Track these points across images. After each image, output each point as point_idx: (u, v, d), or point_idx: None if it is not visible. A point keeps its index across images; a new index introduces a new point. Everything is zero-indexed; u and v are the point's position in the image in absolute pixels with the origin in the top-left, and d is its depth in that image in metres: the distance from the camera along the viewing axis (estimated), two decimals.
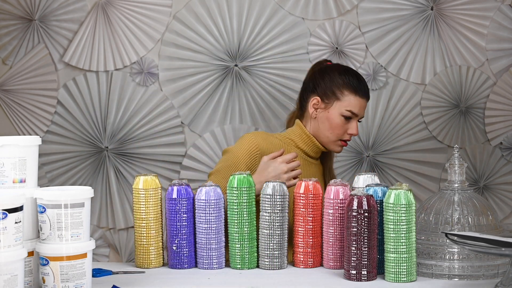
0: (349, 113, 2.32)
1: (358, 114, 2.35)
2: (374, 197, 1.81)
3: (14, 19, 2.91)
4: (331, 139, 2.35)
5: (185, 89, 2.93)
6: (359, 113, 2.34)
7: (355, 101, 2.32)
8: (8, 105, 2.93)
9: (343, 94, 2.33)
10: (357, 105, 2.33)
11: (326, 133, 2.35)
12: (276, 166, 2.13)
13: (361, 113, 2.36)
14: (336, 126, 2.33)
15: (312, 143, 2.37)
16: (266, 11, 2.92)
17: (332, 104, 2.33)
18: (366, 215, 1.76)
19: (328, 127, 2.34)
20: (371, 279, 1.78)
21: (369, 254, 1.77)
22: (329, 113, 2.34)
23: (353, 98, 2.32)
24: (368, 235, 1.77)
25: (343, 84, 2.34)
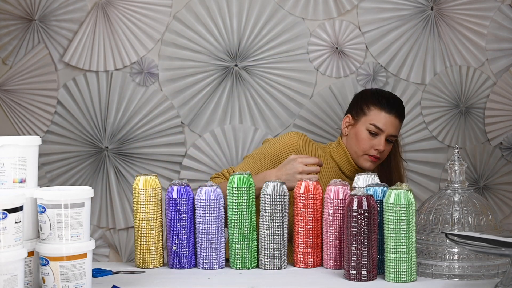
0: (373, 127, 2.39)
1: (384, 130, 2.39)
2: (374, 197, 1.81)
3: (14, 19, 2.91)
4: (358, 154, 2.42)
5: (185, 89, 2.93)
6: (384, 129, 2.40)
7: (380, 116, 2.40)
8: (8, 105, 2.93)
9: (369, 110, 2.42)
10: (381, 120, 2.40)
11: (354, 148, 2.43)
12: (294, 165, 2.15)
13: (388, 129, 2.40)
14: (361, 141, 2.40)
15: (346, 158, 2.45)
16: (266, 11, 2.92)
17: (360, 119, 2.44)
18: (366, 215, 1.76)
19: (355, 142, 2.42)
20: (371, 279, 1.78)
21: (369, 254, 1.77)
22: (356, 128, 2.44)
23: (378, 113, 2.40)
24: (368, 235, 1.77)
25: (371, 101, 2.44)
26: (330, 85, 2.94)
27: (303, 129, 2.91)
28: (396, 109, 2.43)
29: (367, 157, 2.41)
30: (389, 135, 2.41)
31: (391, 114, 2.41)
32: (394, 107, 2.43)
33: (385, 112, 2.40)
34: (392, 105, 2.43)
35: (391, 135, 2.42)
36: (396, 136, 2.46)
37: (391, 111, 2.41)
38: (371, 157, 2.40)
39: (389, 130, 2.41)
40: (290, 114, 2.93)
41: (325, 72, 2.93)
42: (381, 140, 2.39)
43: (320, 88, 2.95)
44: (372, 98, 2.45)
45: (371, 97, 2.46)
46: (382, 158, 2.44)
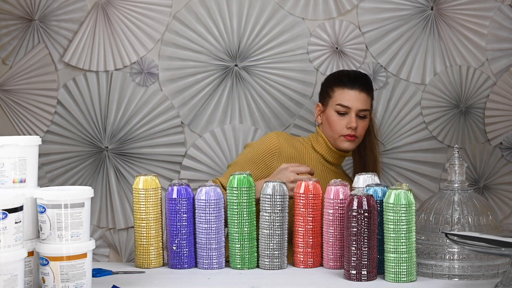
0: (339, 107, 2.38)
1: (351, 107, 2.38)
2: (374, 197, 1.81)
3: (14, 19, 2.91)
4: (335, 137, 2.41)
5: (185, 89, 2.93)
6: (351, 105, 2.38)
7: (343, 94, 2.39)
8: (8, 105, 2.93)
9: (333, 92, 2.43)
10: (345, 98, 2.39)
11: (329, 133, 2.42)
12: (286, 174, 2.15)
13: (354, 105, 2.38)
14: (333, 123, 2.40)
15: (326, 146, 2.44)
16: (266, 11, 2.92)
17: (328, 104, 2.44)
18: (366, 215, 1.76)
19: (329, 126, 2.42)
20: (371, 279, 1.78)
21: (369, 254, 1.77)
22: (326, 113, 2.44)
23: (341, 92, 2.40)
24: (368, 235, 1.77)
25: (333, 82, 2.44)
26: None
27: (303, 129, 2.91)
28: (359, 83, 2.41)
29: (343, 138, 2.39)
30: (358, 111, 2.39)
31: (354, 89, 2.39)
32: (356, 82, 2.41)
33: (348, 88, 2.39)
34: (354, 80, 2.42)
35: (361, 110, 2.39)
36: (367, 110, 2.43)
37: (353, 86, 2.39)
38: (347, 137, 2.39)
39: (356, 105, 2.39)
40: (290, 114, 2.93)
41: (325, 72, 2.93)
42: (352, 118, 2.37)
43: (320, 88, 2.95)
44: (334, 80, 2.45)
45: (333, 79, 2.47)
46: (359, 135, 2.42)
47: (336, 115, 2.40)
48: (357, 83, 2.41)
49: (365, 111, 2.41)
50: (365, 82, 2.44)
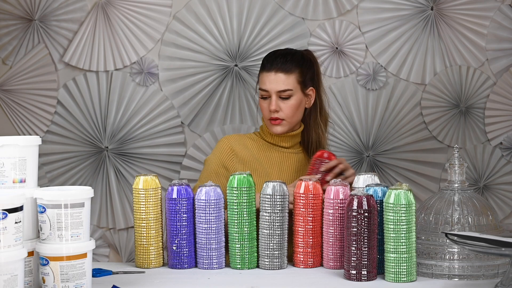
0: (261, 92, 2.33)
1: (268, 89, 2.30)
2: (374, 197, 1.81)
3: (14, 19, 2.91)
4: (265, 123, 2.36)
5: (185, 89, 2.93)
6: (268, 88, 2.30)
7: (262, 78, 2.32)
8: (8, 105, 2.93)
9: (258, 77, 2.37)
10: (263, 81, 2.31)
11: (264, 121, 2.38)
12: None
13: (271, 87, 2.30)
14: (261, 109, 2.35)
15: (269, 134, 2.38)
16: (266, 11, 2.92)
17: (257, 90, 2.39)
18: (366, 215, 1.76)
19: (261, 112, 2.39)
20: (371, 279, 1.78)
21: (369, 254, 1.77)
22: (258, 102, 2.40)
23: (262, 76, 2.33)
24: (368, 235, 1.77)
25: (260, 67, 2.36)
26: (330, 85, 2.94)
27: None
28: (275, 63, 2.31)
29: (269, 122, 2.32)
30: (278, 92, 2.29)
31: (271, 71, 2.29)
32: (273, 63, 2.31)
33: (266, 71, 2.31)
34: (271, 61, 2.32)
35: (280, 91, 2.29)
36: (288, 90, 2.30)
37: (270, 68, 2.30)
38: (271, 121, 2.31)
39: (273, 87, 2.29)
40: None
41: (325, 72, 2.93)
42: (272, 100, 2.28)
43: None
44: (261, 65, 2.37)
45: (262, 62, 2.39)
46: (286, 117, 2.30)
47: (261, 100, 2.34)
48: (273, 64, 2.30)
49: (285, 91, 2.29)
50: (284, 60, 2.32)
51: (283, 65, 2.30)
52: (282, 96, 2.30)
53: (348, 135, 2.96)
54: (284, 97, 2.30)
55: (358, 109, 2.96)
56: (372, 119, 2.96)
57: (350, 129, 2.97)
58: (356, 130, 2.97)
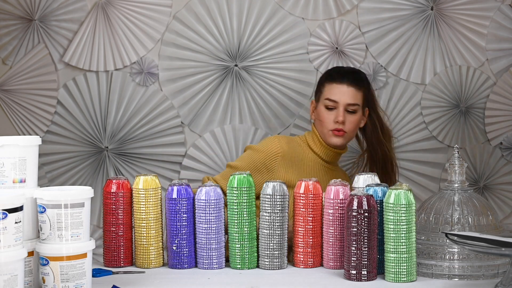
0: (328, 101, 2.41)
1: (338, 101, 2.40)
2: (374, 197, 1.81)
3: (14, 19, 2.91)
4: (325, 133, 2.43)
5: (185, 89, 2.93)
6: (339, 100, 2.40)
7: (332, 89, 2.41)
8: (8, 105, 2.93)
9: (323, 87, 2.45)
10: (333, 92, 2.41)
11: (320, 129, 2.45)
12: None
13: (342, 99, 2.40)
14: (323, 118, 2.42)
15: (320, 143, 2.45)
16: (266, 11, 2.92)
17: (319, 100, 2.46)
18: (366, 215, 1.76)
19: (319, 122, 2.44)
20: (371, 279, 1.79)
21: (369, 254, 1.77)
22: (317, 110, 2.46)
23: (330, 87, 2.42)
24: (368, 235, 1.77)
25: (324, 78, 2.48)
26: None
27: (303, 129, 2.91)
28: (347, 77, 2.43)
29: (331, 133, 2.41)
30: (346, 105, 2.40)
31: (343, 83, 2.41)
32: (345, 76, 2.43)
33: (336, 83, 2.42)
34: (343, 74, 2.45)
35: (349, 104, 2.41)
36: (356, 105, 2.42)
37: (342, 81, 2.41)
38: (334, 132, 2.40)
39: (344, 99, 2.40)
40: (290, 114, 2.93)
41: None
42: (339, 112, 2.39)
43: None
44: (326, 76, 2.49)
45: (325, 75, 2.51)
46: (348, 130, 2.42)
47: (325, 110, 2.42)
48: (345, 77, 2.42)
49: (353, 105, 2.41)
50: (355, 76, 2.45)
51: (355, 80, 2.43)
52: (349, 110, 2.41)
53: None
54: (350, 111, 2.41)
55: None
56: None
57: None
58: None
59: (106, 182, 1.98)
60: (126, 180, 1.99)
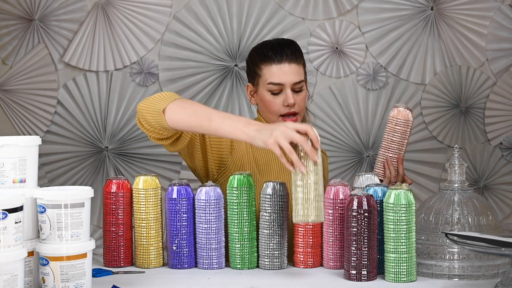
0: (272, 86, 2.09)
1: (284, 83, 2.09)
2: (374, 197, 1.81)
3: (14, 19, 2.91)
4: (273, 119, 2.14)
5: (185, 89, 2.93)
6: (284, 81, 2.09)
7: (272, 71, 2.09)
8: (8, 105, 2.93)
9: (261, 69, 2.12)
10: (275, 74, 2.09)
11: (267, 115, 2.15)
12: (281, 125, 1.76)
13: (288, 80, 2.09)
14: (268, 104, 2.12)
15: None
16: (266, 11, 2.92)
17: (259, 83, 2.14)
18: (366, 215, 1.76)
19: (264, 108, 2.15)
20: (371, 279, 1.78)
21: (369, 254, 1.77)
22: (259, 94, 2.15)
23: (269, 69, 2.10)
24: (368, 235, 1.77)
25: (258, 59, 2.13)
26: (330, 85, 2.94)
27: None
28: (286, 54, 2.10)
29: (282, 120, 2.11)
30: (292, 84, 2.09)
31: (283, 62, 2.09)
32: (283, 54, 2.10)
33: (275, 63, 2.09)
34: (280, 52, 2.10)
35: (295, 83, 2.09)
36: (302, 81, 2.12)
37: (281, 60, 2.09)
38: (286, 118, 2.11)
39: (290, 79, 2.08)
40: None
41: (325, 72, 2.93)
42: (287, 94, 2.08)
43: (320, 88, 2.95)
44: (259, 56, 2.13)
45: (257, 54, 2.15)
46: (299, 110, 2.12)
47: (269, 95, 2.10)
48: (284, 55, 2.10)
49: (299, 83, 2.11)
50: (292, 50, 2.13)
51: (293, 55, 2.12)
52: (295, 89, 2.11)
53: (348, 135, 2.96)
54: (297, 89, 2.12)
55: (358, 109, 2.97)
56: (372, 119, 2.96)
57: (350, 129, 2.97)
58: (356, 130, 2.97)
59: (106, 182, 1.98)
60: (126, 180, 1.98)
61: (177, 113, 1.87)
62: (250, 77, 2.19)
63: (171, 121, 1.87)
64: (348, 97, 2.96)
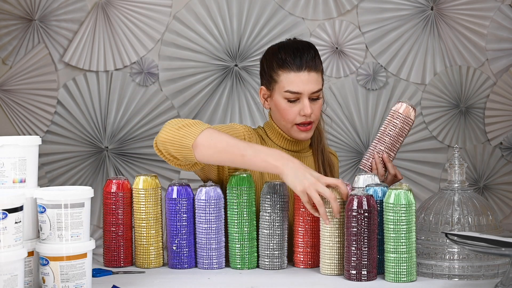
0: (289, 94, 2.01)
1: (302, 92, 2.01)
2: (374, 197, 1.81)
3: (14, 19, 2.91)
4: (287, 127, 2.08)
5: (185, 89, 2.93)
6: (302, 91, 2.01)
7: (290, 79, 2.02)
8: (8, 105, 2.93)
9: (278, 75, 2.04)
10: (294, 82, 2.01)
11: (281, 122, 2.08)
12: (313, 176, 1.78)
13: (306, 89, 2.01)
14: (283, 112, 2.05)
15: (282, 137, 2.12)
16: (266, 11, 2.92)
17: (274, 89, 2.06)
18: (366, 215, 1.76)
19: (279, 115, 2.07)
20: (371, 279, 1.78)
21: (369, 254, 1.77)
22: (274, 100, 2.07)
23: (287, 76, 2.02)
24: (368, 235, 1.77)
25: (276, 64, 2.05)
26: (330, 85, 2.94)
27: None
28: (306, 61, 2.02)
29: (297, 128, 2.05)
30: (310, 93, 2.01)
31: (301, 71, 2.01)
32: (302, 61, 2.02)
33: (294, 71, 2.01)
34: (299, 59, 2.02)
35: (313, 92, 2.02)
36: (320, 90, 2.05)
37: (300, 68, 2.01)
38: (301, 127, 2.05)
39: (308, 89, 2.00)
40: None
41: (325, 72, 2.92)
42: (304, 103, 2.01)
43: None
44: (276, 61, 2.05)
45: (275, 59, 2.06)
46: (315, 119, 2.06)
47: (286, 103, 2.03)
48: (303, 62, 2.02)
49: (318, 92, 2.04)
50: (311, 56, 2.04)
51: (313, 63, 2.03)
52: (313, 97, 2.04)
53: (348, 135, 2.96)
54: (315, 98, 2.04)
55: (358, 109, 2.97)
56: (372, 119, 2.96)
57: (350, 129, 2.97)
58: (356, 130, 2.97)
59: (106, 182, 1.98)
60: (126, 180, 1.98)
61: (207, 150, 1.84)
62: (264, 80, 2.10)
63: (200, 158, 1.85)
64: (348, 97, 2.96)
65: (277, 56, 2.06)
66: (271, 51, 2.10)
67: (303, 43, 2.10)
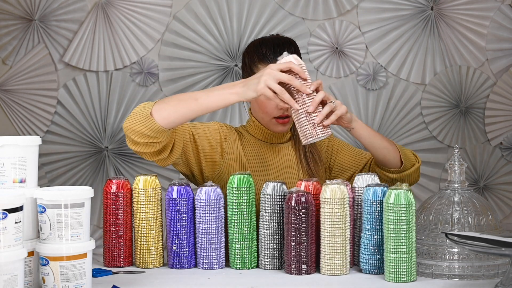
0: None
1: None
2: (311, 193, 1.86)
3: (14, 19, 2.91)
4: (266, 120, 2.11)
5: (185, 89, 2.93)
6: None
7: None
8: (8, 105, 2.93)
9: (258, 69, 2.05)
10: None
11: (260, 115, 2.12)
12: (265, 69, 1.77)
13: None
14: (262, 105, 2.07)
15: (261, 130, 2.14)
16: (266, 11, 2.92)
17: None
18: (304, 211, 1.81)
19: (258, 108, 2.11)
20: (310, 273, 1.83)
21: (307, 249, 1.82)
22: None
23: None
24: (306, 231, 1.82)
25: (256, 57, 2.08)
26: (330, 85, 2.94)
27: None
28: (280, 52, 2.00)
29: (275, 121, 2.08)
30: None
31: None
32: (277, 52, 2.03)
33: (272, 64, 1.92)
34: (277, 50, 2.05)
35: None
36: None
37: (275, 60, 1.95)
38: (279, 120, 2.07)
39: None
40: None
41: (325, 72, 2.93)
42: None
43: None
44: (257, 55, 2.07)
45: (256, 53, 2.08)
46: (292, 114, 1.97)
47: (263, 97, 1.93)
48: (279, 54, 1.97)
49: None
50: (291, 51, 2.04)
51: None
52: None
53: (348, 135, 2.96)
54: None
55: (358, 109, 2.97)
56: (372, 119, 2.96)
57: None
58: None
59: (106, 182, 1.98)
60: (126, 180, 1.98)
61: (164, 110, 1.90)
62: (245, 74, 2.12)
63: (162, 119, 1.89)
64: (348, 97, 2.96)
65: (258, 50, 2.10)
66: (252, 45, 2.14)
67: (285, 39, 2.15)
